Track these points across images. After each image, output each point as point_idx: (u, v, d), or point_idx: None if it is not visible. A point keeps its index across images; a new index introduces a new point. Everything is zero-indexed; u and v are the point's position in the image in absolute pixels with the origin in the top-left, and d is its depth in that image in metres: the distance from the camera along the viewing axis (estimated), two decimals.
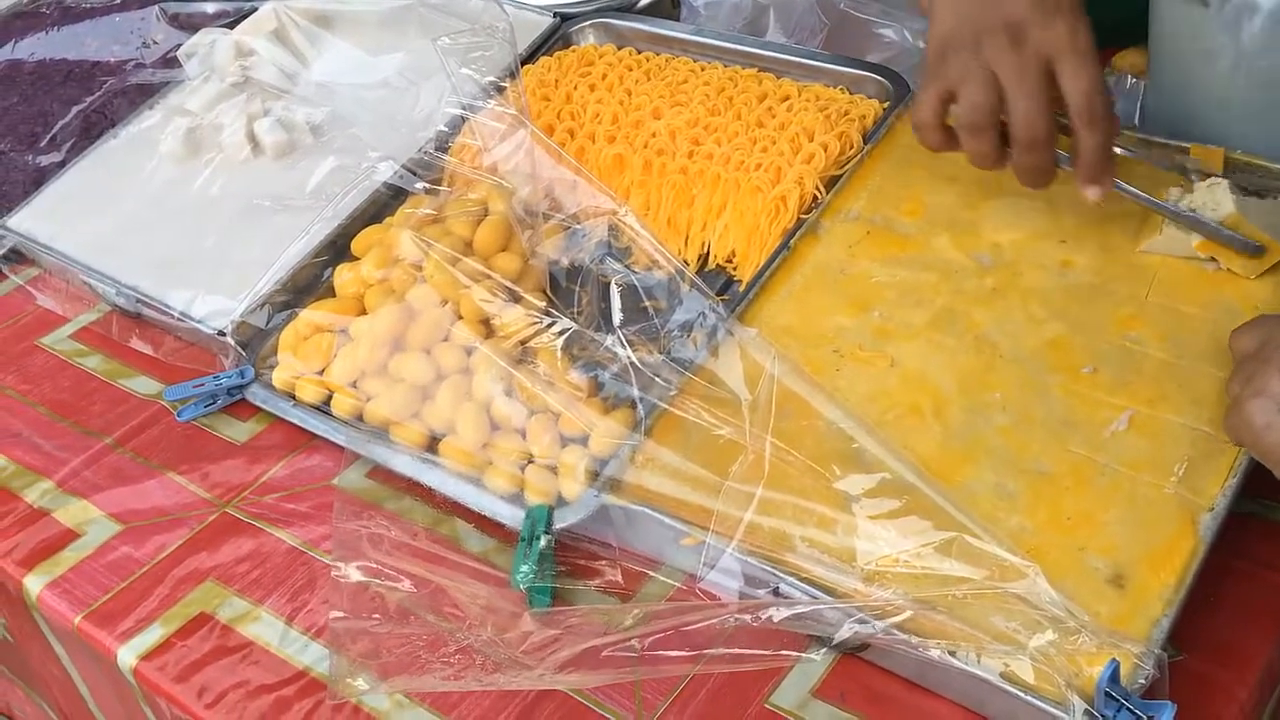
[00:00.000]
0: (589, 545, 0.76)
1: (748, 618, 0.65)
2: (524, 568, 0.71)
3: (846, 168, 0.94)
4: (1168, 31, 0.91)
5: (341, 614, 0.66)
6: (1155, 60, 0.95)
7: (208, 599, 0.79)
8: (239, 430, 0.90)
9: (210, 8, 1.20)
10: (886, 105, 0.99)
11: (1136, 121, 0.98)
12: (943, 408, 0.76)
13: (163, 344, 0.97)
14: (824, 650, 0.70)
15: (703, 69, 1.06)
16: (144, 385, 0.96)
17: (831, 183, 0.93)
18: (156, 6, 1.20)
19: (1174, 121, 0.91)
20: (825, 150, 0.94)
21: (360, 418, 0.86)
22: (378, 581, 0.68)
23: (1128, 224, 0.85)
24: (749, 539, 0.71)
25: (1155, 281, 0.80)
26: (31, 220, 1.07)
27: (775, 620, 0.65)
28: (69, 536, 0.84)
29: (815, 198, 0.92)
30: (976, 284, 0.83)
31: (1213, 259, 0.80)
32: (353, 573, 0.68)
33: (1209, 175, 0.82)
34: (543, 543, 0.72)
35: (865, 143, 0.95)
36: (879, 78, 1.01)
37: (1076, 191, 0.79)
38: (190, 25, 1.18)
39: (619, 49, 1.11)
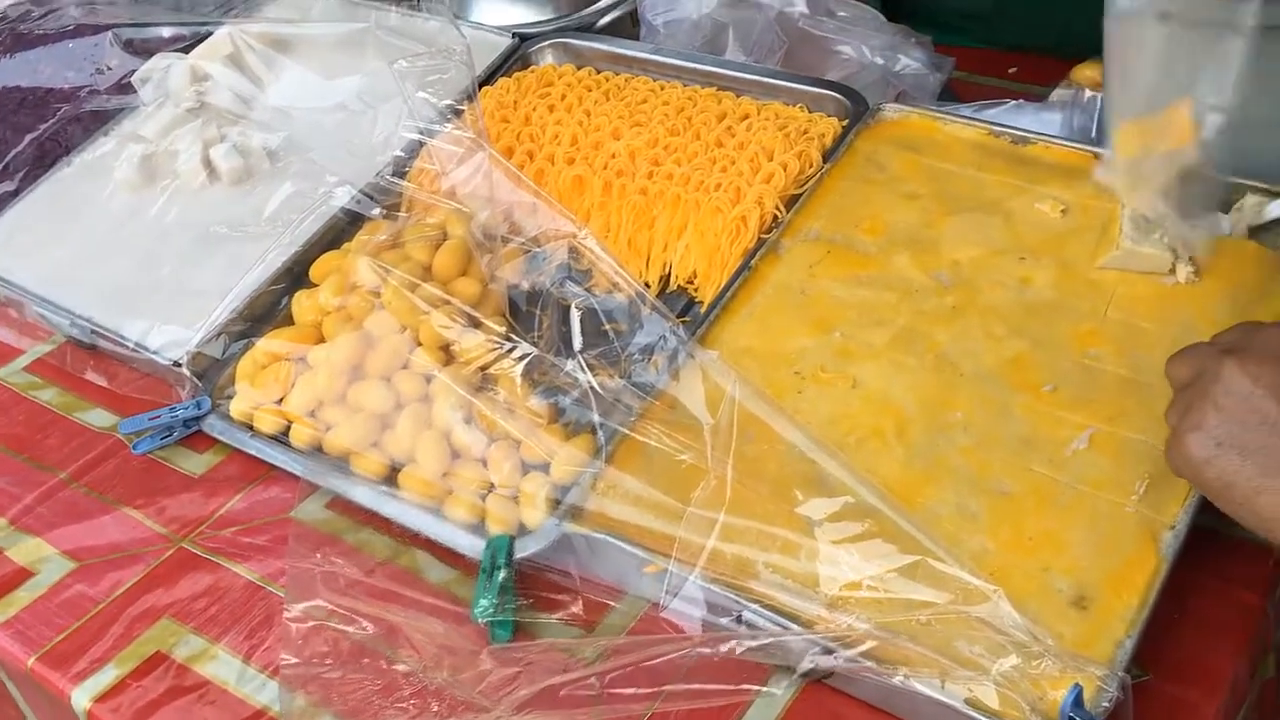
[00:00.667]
0: (551, 575, 0.75)
1: (709, 650, 0.64)
2: (483, 601, 0.70)
3: (806, 186, 0.94)
4: (1121, 45, 0.91)
5: (293, 659, 0.65)
6: (1109, 73, 0.95)
7: (163, 637, 0.77)
8: (196, 462, 0.89)
9: (165, 32, 1.19)
10: (845, 123, 0.99)
11: (1094, 136, 0.98)
12: (905, 428, 0.76)
13: (118, 376, 0.96)
14: (786, 683, 0.69)
15: (662, 88, 1.06)
16: (99, 418, 0.94)
17: (791, 202, 0.93)
18: (110, 32, 1.18)
19: None
20: (785, 169, 0.94)
21: (319, 448, 0.85)
22: (332, 624, 0.67)
23: (1086, 239, 0.85)
24: (712, 566, 0.71)
25: (1114, 298, 0.80)
26: None
27: (738, 652, 0.65)
28: (22, 575, 0.83)
29: (775, 217, 0.92)
30: (937, 302, 0.83)
31: (1171, 273, 0.80)
32: (306, 614, 0.67)
33: None
34: (502, 575, 0.71)
35: (825, 161, 0.95)
36: (838, 95, 1.01)
37: (1033, 208, 0.79)
38: (145, 50, 1.17)
39: (578, 69, 1.11)
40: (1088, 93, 1.02)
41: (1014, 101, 1.02)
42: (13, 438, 0.94)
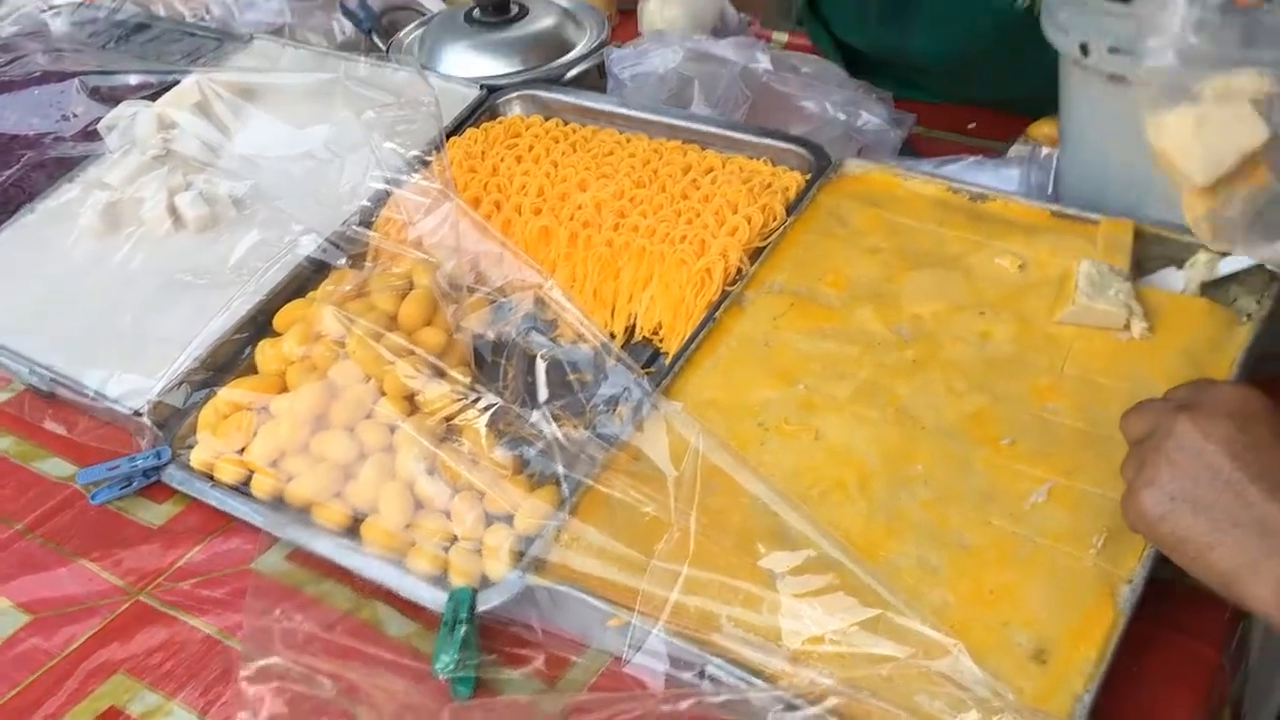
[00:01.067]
0: (514, 628, 0.74)
1: (671, 707, 0.64)
2: (444, 657, 0.70)
3: (770, 239, 0.95)
4: (1076, 104, 0.93)
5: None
6: (1065, 132, 0.97)
7: (118, 693, 0.76)
8: (155, 513, 0.88)
9: (132, 80, 1.19)
10: (808, 177, 1.00)
11: (1050, 193, 1.00)
12: (867, 481, 0.77)
13: (77, 425, 0.95)
14: None
15: (629, 140, 1.07)
16: (57, 468, 0.93)
17: (755, 254, 0.94)
18: (77, 79, 1.18)
19: (1086, 194, 0.93)
20: (749, 222, 0.95)
21: (281, 498, 0.85)
22: (290, 683, 0.66)
23: (1043, 294, 0.86)
24: (675, 619, 0.71)
25: (1070, 352, 0.82)
26: None
27: (702, 707, 0.64)
28: None
29: (739, 270, 0.93)
30: (898, 356, 0.84)
31: (1126, 328, 0.82)
32: (262, 673, 0.66)
33: None
34: (464, 629, 0.71)
35: (788, 215, 0.96)
36: (801, 150, 1.02)
37: (992, 263, 0.80)
38: (111, 98, 1.17)
39: (546, 120, 1.12)
40: (1044, 149, 1.04)
41: (973, 158, 1.04)
42: None
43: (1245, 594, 0.61)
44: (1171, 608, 0.73)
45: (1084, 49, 0.85)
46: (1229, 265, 0.84)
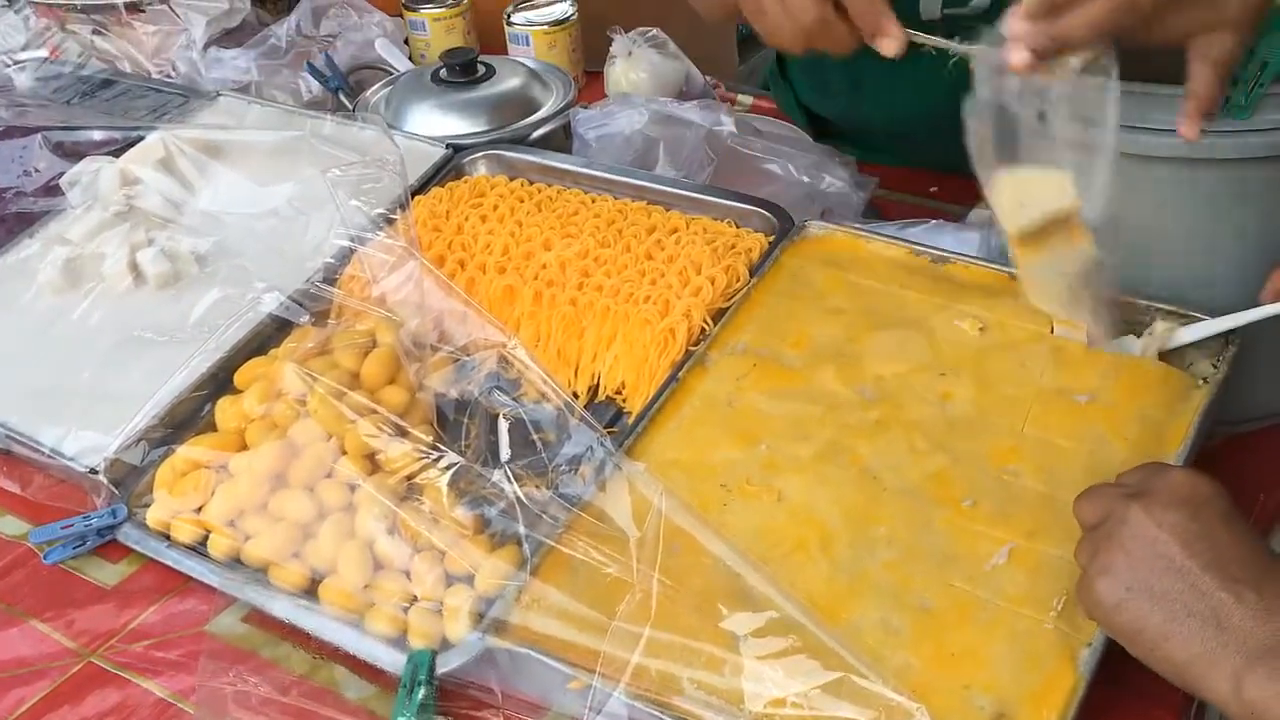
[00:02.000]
0: (473, 691, 0.74)
1: None
2: None
3: (733, 300, 0.95)
4: None
5: None
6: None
7: None
8: (109, 573, 0.87)
9: (96, 135, 1.19)
10: (772, 238, 1.01)
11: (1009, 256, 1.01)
12: (829, 542, 0.77)
13: (32, 482, 0.93)
14: None
15: (593, 200, 1.08)
16: (10, 526, 0.92)
17: (719, 315, 0.94)
18: (40, 134, 1.18)
19: None
20: (713, 283, 0.96)
21: (238, 558, 0.83)
22: None
23: (1004, 357, 0.87)
24: (636, 682, 0.70)
25: (1030, 415, 0.83)
26: None
27: None
28: None
29: (703, 330, 0.93)
30: (860, 416, 0.85)
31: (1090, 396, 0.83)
32: None
33: None
34: (423, 692, 0.70)
35: (751, 276, 0.97)
36: (764, 211, 1.04)
37: (953, 325, 0.82)
38: (74, 153, 1.16)
39: (511, 180, 1.12)
40: None
41: (934, 221, 1.06)
42: None
43: (1200, 685, 0.61)
44: (1130, 672, 0.73)
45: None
46: (1184, 336, 0.86)
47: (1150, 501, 0.65)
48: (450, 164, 1.16)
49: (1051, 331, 0.87)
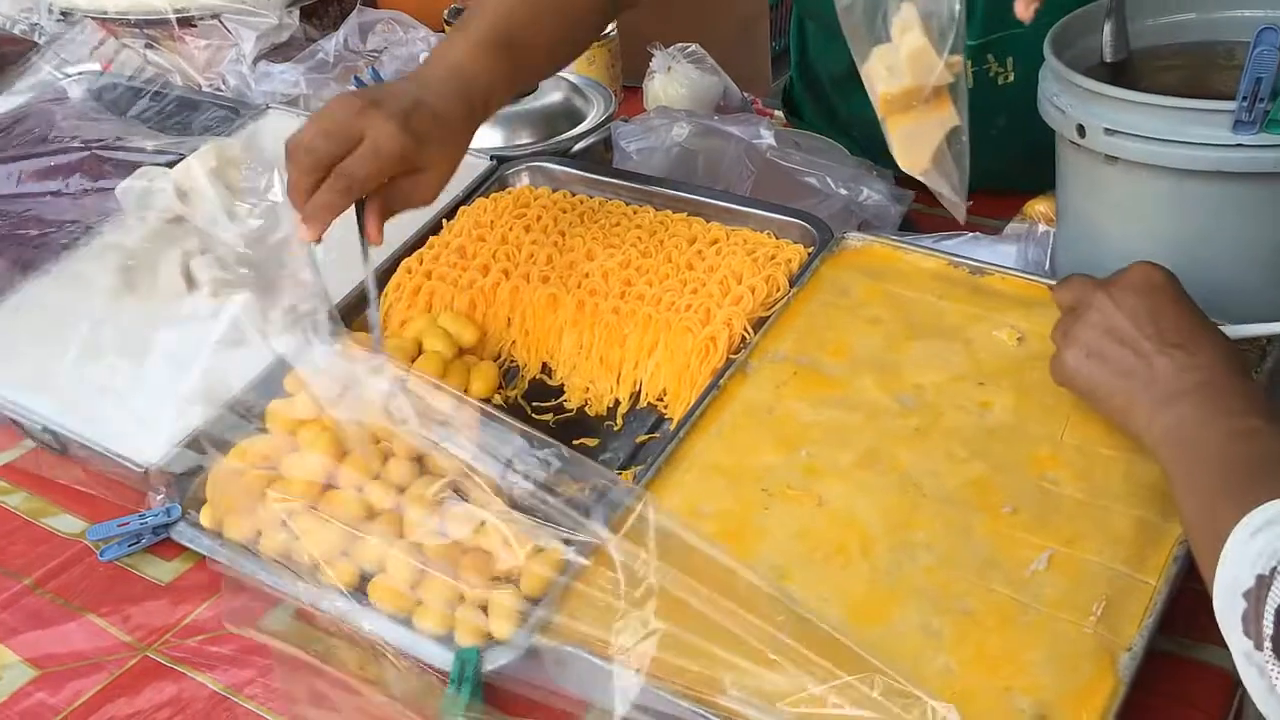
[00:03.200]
0: (519, 688, 0.75)
1: None
2: (450, 716, 0.70)
3: (774, 309, 0.97)
4: (1072, 183, 0.96)
5: None
6: (1062, 210, 1.00)
7: None
8: (163, 570, 0.89)
9: (149, 146, 1.22)
10: (811, 249, 1.02)
11: (1048, 268, 1.02)
12: (869, 547, 0.78)
13: (89, 481, 0.96)
14: None
15: (635, 212, 1.10)
16: (67, 524, 0.94)
17: (759, 324, 0.96)
18: (94, 146, 1.21)
19: (1081, 271, 0.95)
20: (753, 292, 0.97)
21: (289, 556, 0.85)
22: None
23: (1041, 366, 0.87)
24: (678, 680, 0.71)
25: (1069, 423, 0.83)
26: None
27: None
28: None
29: (744, 338, 0.95)
30: (900, 424, 0.86)
31: None
32: None
33: None
34: (471, 688, 0.71)
35: (791, 286, 0.99)
36: (803, 223, 1.05)
37: (991, 335, 0.84)
38: (128, 165, 1.19)
39: (554, 191, 1.14)
40: (1041, 226, 1.07)
41: (971, 234, 1.07)
42: None
43: (1133, 427, 0.76)
44: (1172, 678, 0.74)
45: (1080, 130, 0.88)
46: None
47: (1113, 288, 0.79)
48: (494, 175, 1.18)
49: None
